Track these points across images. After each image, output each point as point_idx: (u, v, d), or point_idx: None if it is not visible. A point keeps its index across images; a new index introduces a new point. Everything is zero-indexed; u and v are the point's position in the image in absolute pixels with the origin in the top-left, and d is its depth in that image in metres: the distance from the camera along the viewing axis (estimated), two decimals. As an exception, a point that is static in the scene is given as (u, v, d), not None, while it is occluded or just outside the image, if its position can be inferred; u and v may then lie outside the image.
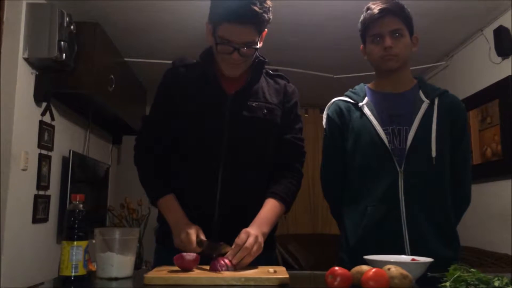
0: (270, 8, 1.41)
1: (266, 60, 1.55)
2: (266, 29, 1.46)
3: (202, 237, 1.34)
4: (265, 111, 1.48)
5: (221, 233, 1.39)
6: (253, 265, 1.28)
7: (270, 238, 1.48)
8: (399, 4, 1.59)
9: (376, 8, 1.57)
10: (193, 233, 1.33)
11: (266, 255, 1.39)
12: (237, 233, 1.31)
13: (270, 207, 1.43)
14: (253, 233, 1.30)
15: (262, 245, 1.32)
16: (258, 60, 1.52)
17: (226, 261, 1.24)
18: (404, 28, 1.57)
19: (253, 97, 1.49)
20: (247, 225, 1.35)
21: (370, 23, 1.58)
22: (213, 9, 1.42)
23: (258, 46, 1.42)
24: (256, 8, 1.35)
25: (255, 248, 1.28)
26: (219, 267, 1.21)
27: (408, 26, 1.59)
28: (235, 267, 1.24)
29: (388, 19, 1.55)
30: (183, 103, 1.48)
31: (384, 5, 1.56)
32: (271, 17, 1.42)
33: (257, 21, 1.37)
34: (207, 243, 1.32)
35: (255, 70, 1.52)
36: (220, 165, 1.44)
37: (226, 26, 1.37)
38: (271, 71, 1.59)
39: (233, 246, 1.28)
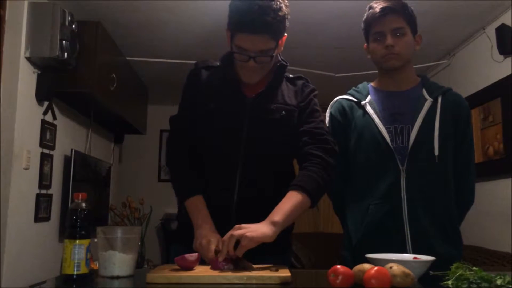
0: (286, 16, 1.41)
1: (288, 64, 1.55)
2: (285, 34, 1.46)
3: (220, 247, 1.30)
4: (283, 113, 1.47)
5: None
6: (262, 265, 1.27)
7: (284, 240, 1.44)
8: (401, 2, 1.59)
9: (378, 7, 1.57)
10: (214, 242, 1.31)
11: (280, 258, 1.38)
12: None
13: (284, 198, 1.37)
14: (236, 226, 1.26)
15: (262, 230, 1.26)
16: (280, 64, 1.53)
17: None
18: (406, 27, 1.56)
19: (272, 100, 1.49)
20: None
21: (372, 21, 1.58)
22: (230, 18, 1.42)
23: (274, 54, 1.42)
24: (268, 18, 1.35)
25: (239, 231, 1.24)
26: (221, 266, 1.21)
27: (411, 24, 1.58)
28: (236, 266, 1.23)
29: (390, 18, 1.55)
30: (204, 104, 1.49)
31: (386, 4, 1.56)
32: (287, 24, 1.42)
33: (270, 31, 1.37)
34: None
35: (276, 74, 1.52)
36: (239, 166, 1.45)
37: (241, 36, 1.38)
38: (292, 75, 1.59)
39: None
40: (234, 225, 1.32)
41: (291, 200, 1.36)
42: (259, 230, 1.26)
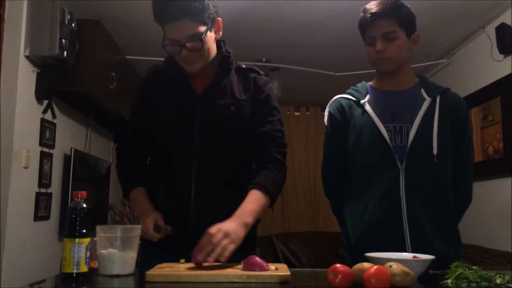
0: None
1: (230, 54, 1.55)
2: (218, 18, 1.45)
3: (159, 223, 1.38)
4: (232, 108, 1.48)
5: (198, 230, 1.33)
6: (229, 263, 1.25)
7: (250, 238, 1.42)
8: (395, 4, 1.56)
9: (368, 11, 1.56)
10: (150, 221, 1.37)
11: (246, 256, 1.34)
12: None
13: (251, 198, 1.40)
14: (222, 229, 1.26)
15: (240, 235, 1.28)
16: (222, 55, 1.52)
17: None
18: (397, 30, 1.54)
19: (220, 94, 1.49)
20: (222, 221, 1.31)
21: (364, 26, 1.58)
22: (153, 16, 1.43)
23: (203, 37, 1.39)
24: (182, 2, 1.35)
25: (224, 241, 1.23)
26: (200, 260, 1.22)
27: (404, 26, 1.55)
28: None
29: (380, 22, 1.54)
30: (157, 107, 1.50)
31: (376, 8, 1.54)
32: (206, 4, 1.40)
33: (191, 13, 1.36)
34: (165, 229, 1.39)
35: (221, 65, 1.52)
36: (194, 164, 1.46)
37: (167, 27, 1.39)
38: (244, 65, 1.59)
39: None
40: (193, 225, 1.37)
41: (259, 202, 1.40)
42: (239, 237, 1.28)
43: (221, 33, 1.49)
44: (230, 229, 1.27)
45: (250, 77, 1.55)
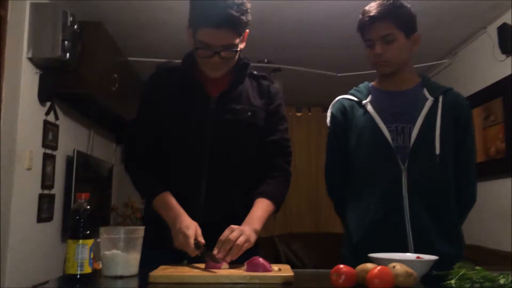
0: (248, 10, 1.41)
1: (250, 62, 1.56)
2: (247, 30, 1.46)
3: (200, 238, 1.31)
4: (249, 113, 1.48)
5: (205, 235, 1.33)
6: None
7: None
8: (393, 5, 1.55)
9: (367, 14, 1.56)
10: (191, 236, 1.30)
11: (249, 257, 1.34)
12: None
13: (260, 206, 1.43)
14: (237, 228, 1.31)
15: (252, 239, 1.33)
16: (242, 62, 1.53)
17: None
18: (396, 32, 1.53)
19: (236, 100, 1.49)
20: None
21: (362, 28, 1.58)
22: (192, 13, 1.42)
23: (238, 49, 1.42)
24: (233, 12, 1.35)
25: (241, 239, 1.28)
26: (217, 266, 1.22)
27: (404, 27, 1.54)
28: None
29: (378, 25, 1.53)
30: (167, 106, 1.48)
31: (374, 11, 1.54)
32: (250, 18, 1.42)
33: (234, 25, 1.37)
34: (204, 249, 1.29)
35: (239, 72, 1.53)
36: (204, 167, 1.45)
37: (205, 30, 1.37)
38: (256, 72, 1.60)
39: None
40: (201, 226, 1.35)
41: (267, 210, 1.44)
42: (251, 238, 1.32)
43: (244, 44, 1.49)
44: (243, 229, 1.32)
45: (264, 85, 1.57)
